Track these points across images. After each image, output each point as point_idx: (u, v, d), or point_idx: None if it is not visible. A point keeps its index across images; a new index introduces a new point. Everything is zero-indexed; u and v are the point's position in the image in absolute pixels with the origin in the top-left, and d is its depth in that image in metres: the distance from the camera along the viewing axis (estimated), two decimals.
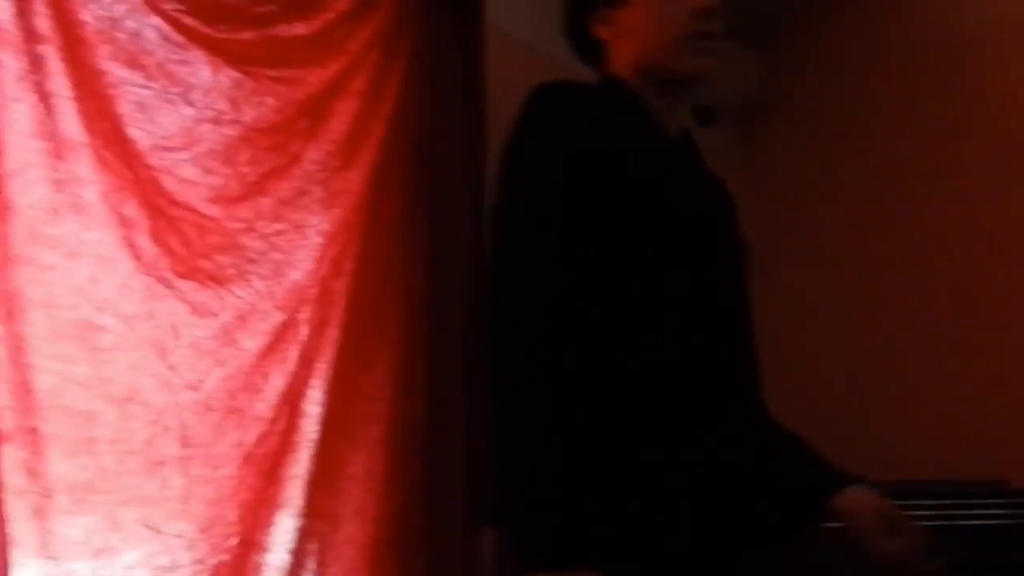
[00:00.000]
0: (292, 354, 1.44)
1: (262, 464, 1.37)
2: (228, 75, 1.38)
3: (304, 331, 1.46)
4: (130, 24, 1.27)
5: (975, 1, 2.26)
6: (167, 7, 1.31)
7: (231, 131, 1.38)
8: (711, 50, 1.10)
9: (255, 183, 1.40)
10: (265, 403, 1.41)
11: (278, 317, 1.43)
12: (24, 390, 1.18)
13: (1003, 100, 2.17)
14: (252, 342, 1.41)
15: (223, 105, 1.38)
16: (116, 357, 1.27)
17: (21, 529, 1.13)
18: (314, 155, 1.48)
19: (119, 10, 1.25)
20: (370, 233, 1.52)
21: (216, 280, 1.37)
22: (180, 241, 1.32)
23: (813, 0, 2.50)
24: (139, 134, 1.28)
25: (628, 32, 1.11)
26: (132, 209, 1.27)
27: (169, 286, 1.32)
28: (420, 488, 1.52)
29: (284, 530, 1.39)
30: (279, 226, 1.43)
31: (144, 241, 1.29)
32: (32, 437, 1.18)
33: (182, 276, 1.33)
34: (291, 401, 1.44)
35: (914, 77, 2.33)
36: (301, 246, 1.46)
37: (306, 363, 1.46)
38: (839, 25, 2.49)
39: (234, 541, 1.32)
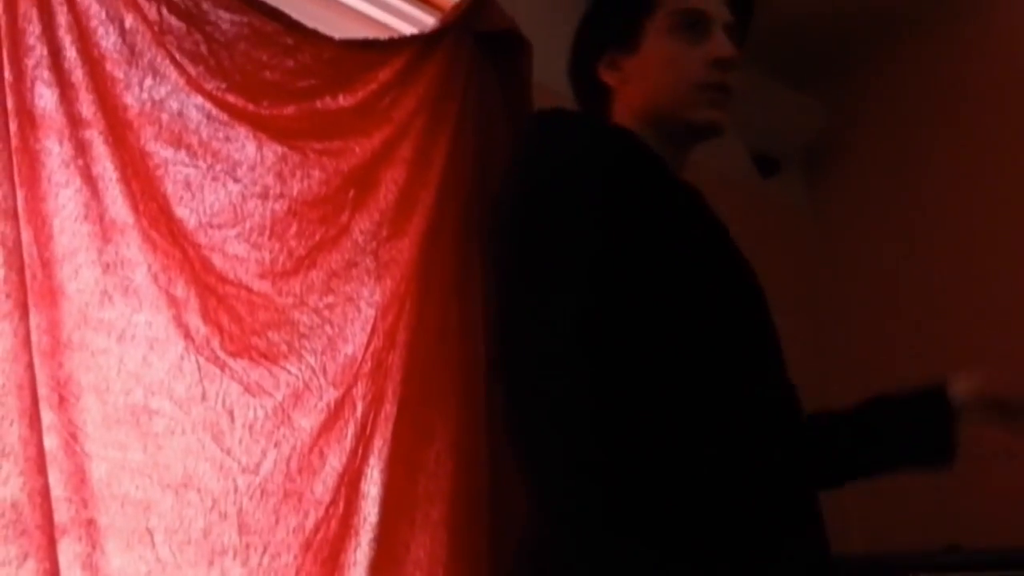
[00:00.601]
0: (349, 431, 1.39)
1: (322, 550, 1.31)
2: (273, 150, 1.37)
3: (360, 407, 1.40)
4: (173, 104, 1.26)
5: None
6: (209, 86, 1.30)
7: (278, 205, 1.36)
8: (724, 103, 1.06)
9: (304, 256, 1.37)
10: (323, 485, 1.35)
11: (333, 393, 1.38)
12: (80, 480, 1.14)
13: None
14: (307, 421, 1.36)
15: (269, 180, 1.36)
16: (171, 442, 1.23)
17: None
18: (363, 225, 1.45)
19: (162, 91, 1.25)
20: (423, 302, 1.48)
21: (269, 357, 1.33)
22: (231, 319, 1.29)
23: (874, 43, 2.45)
24: (186, 213, 1.27)
25: (638, 79, 1.08)
26: (181, 289, 1.25)
27: (222, 366, 1.28)
28: (486, 569, 1.43)
29: None
30: (330, 299, 1.39)
31: (195, 320, 1.26)
32: (89, 529, 1.13)
33: (234, 355, 1.29)
34: (350, 482, 1.37)
35: (980, 120, 2.25)
36: (353, 319, 1.42)
37: (363, 440, 1.40)
38: (902, 68, 2.44)
39: None
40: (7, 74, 1.10)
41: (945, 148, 2.28)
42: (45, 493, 1.05)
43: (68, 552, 1.10)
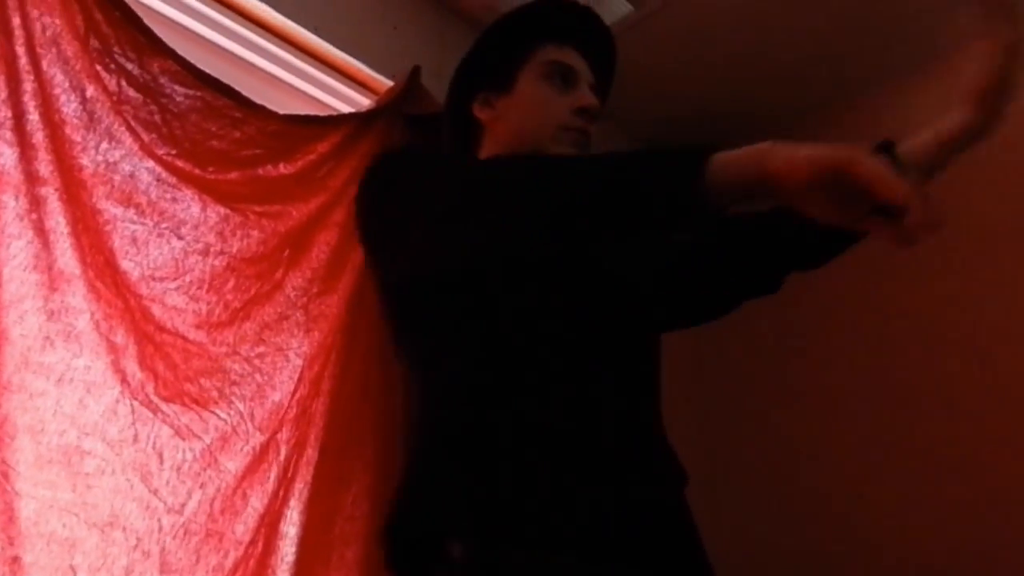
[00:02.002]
0: (272, 474, 1.43)
1: None
2: (217, 211, 1.43)
3: (284, 451, 1.45)
4: (126, 167, 1.32)
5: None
6: (161, 152, 1.37)
7: (218, 261, 1.42)
8: (584, 146, 1.13)
9: (239, 309, 1.43)
10: (244, 525, 1.38)
11: (259, 438, 1.42)
12: (8, 518, 1.15)
13: (952, 228, 2.26)
14: (233, 463, 1.39)
15: (211, 238, 1.42)
16: (100, 482, 1.26)
17: None
18: (296, 282, 1.52)
19: (116, 155, 1.30)
20: (348, 354, 1.54)
21: (200, 403, 1.37)
22: (166, 365, 1.33)
23: (759, 130, 2.64)
24: (131, 265, 1.31)
25: (509, 117, 1.15)
26: (121, 336, 1.29)
27: (155, 410, 1.32)
28: None
29: None
30: (261, 349, 1.45)
31: (132, 366, 1.30)
32: (14, 567, 1.14)
33: (167, 399, 1.33)
34: (270, 523, 1.40)
35: None
36: (282, 367, 1.47)
37: (285, 483, 1.44)
38: None
39: None
40: None
41: None
42: None
43: None
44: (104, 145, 1.29)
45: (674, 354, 1.18)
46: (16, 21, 1.20)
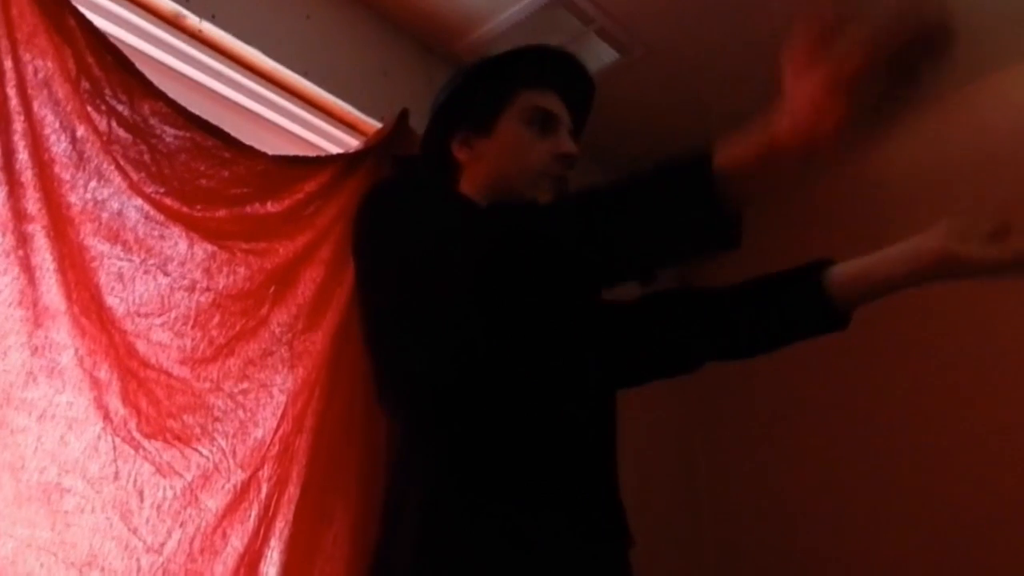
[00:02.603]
0: (252, 513, 1.40)
1: None
2: (203, 248, 1.43)
3: (265, 489, 1.42)
4: (114, 205, 1.33)
5: (906, 168, 2.35)
6: (149, 190, 1.37)
7: (204, 298, 1.42)
8: (560, 190, 1.14)
9: (224, 345, 1.42)
10: (223, 565, 1.35)
11: (240, 475, 1.40)
12: None
13: None
14: (214, 501, 1.37)
15: (197, 275, 1.42)
16: (79, 520, 1.23)
17: None
18: (281, 318, 1.51)
19: (104, 193, 1.31)
20: (332, 390, 1.53)
21: (182, 439, 1.35)
22: (149, 401, 1.32)
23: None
24: (116, 302, 1.31)
25: (488, 158, 1.15)
26: (105, 372, 1.27)
27: (136, 446, 1.30)
28: None
29: None
30: (245, 385, 1.43)
31: (114, 402, 1.28)
32: None
33: (149, 436, 1.31)
34: (249, 563, 1.38)
35: (839, 243, 2.38)
36: (265, 404, 1.46)
37: (266, 522, 1.41)
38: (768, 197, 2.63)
39: None
40: None
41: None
42: None
43: None
44: (93, 183, 1.30)
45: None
46: (8, 64, 1.21)
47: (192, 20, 1.61)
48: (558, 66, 1.22)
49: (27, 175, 1.22)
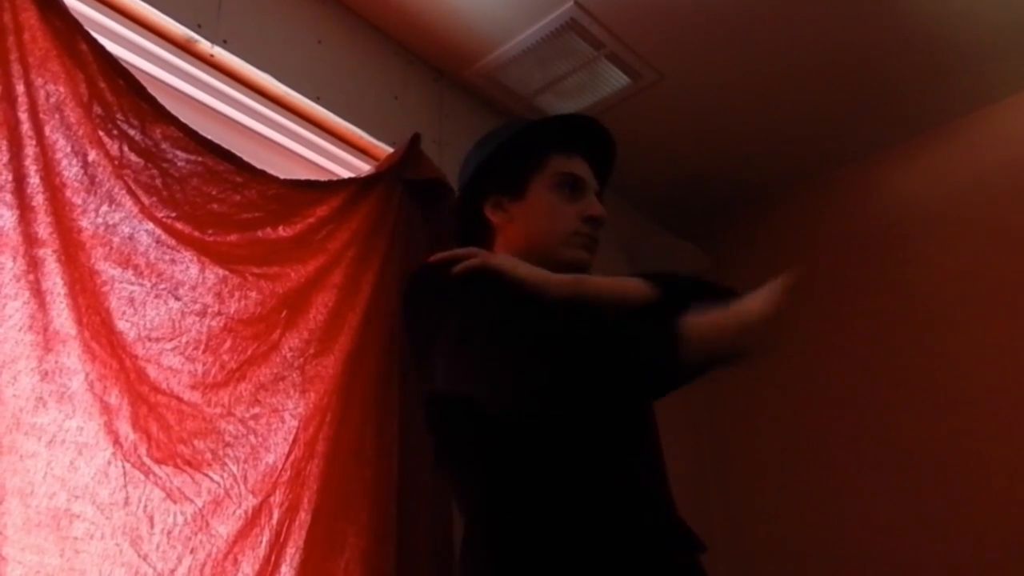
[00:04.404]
0: (264, 539, 1.37)
1: None
2: (215, 272, 1.41)
3: (276, 514, 1.39)
4: (125, 229, 1.31)
5: (907, 197, 2.41)
6: (160, 215, 1.36)
7: (215, 322, 1.39)
8: (591, 247, 1.22)
9: (235, 370, 1.39)
10: None
11: (251, 501, 1.37)
12: None
13: (932, 291, 2.25)
14: (225, 527, 1.34)
15: (209, 299, 1.40)
16: (89, 546, 1.20)
17: None
18: (292, 343, 1.49)
19: (116, 217, 1.29)
20: (344, 415, 1.50)
21: (193, 465, 1.32)
22: (160, 427, 1.29)
23: (751, 203, 2.67)
24: (127, 326, 1.29)
25: (520, 220, 1.23)
26: (115, 397, 1.25)
27: (146, 472, 1.27)
28: None
29: None
30: (256, 410, 1.41)
31: (125, 427, 1.26)
32: None
33: (160, 461, 1.29)
34: None
35: (845, 268, 2.43)
36: (277, 429, 1.43)
37: (277, 548, 1.38)
38: (775, 225, 2.64)
39: None
40: None
41: (810, 295, 2.46)
42: None
43: None
44: (104, 208, 1.28)
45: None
46: (20, 88, 1.20)
47: (204, 45, 1.60)
48: (584, 131, 1.29)
49: (38, 199, 1.20)
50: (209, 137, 1.46)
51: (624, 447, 1.08)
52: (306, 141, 1.79)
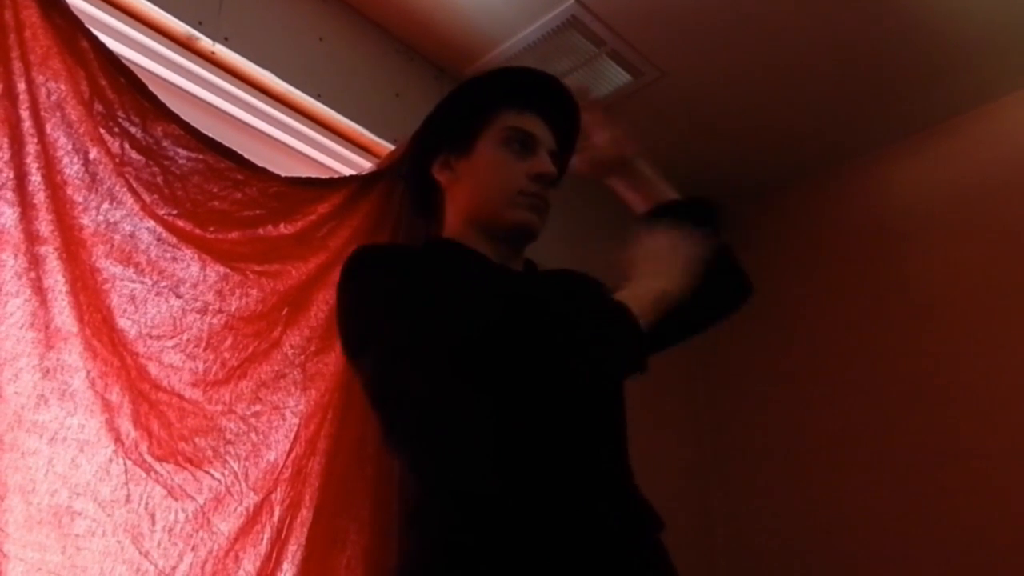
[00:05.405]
0: (265, 536, 1.37)
1: None
2: (216, 270, 1.41)
3: (278, 512, 1.39)
4: (126, 227, 1.30)
5: (907, 193, 2.40)
6: (162, 212, 1.35)
7: (216, 320, 1.39)
8: (539, 208, 1.13)
9: (236, 367, 1.39)
10: None
11: (253, 498, 1.37)
12: None
13: (932, 286, 2.25)
14: (226, 524, 1.34)
15: (210, 297, 1.39)
16: (90, 544, 1.21)
17: None
18: (293, 340, 1.48)
19: (117, 215, 1.29)
20: (344, 412, 1.49)
21: (194, 462, 1.32)
22: (161, 424, 1.29)
23: (750, 193, 2.66)
24: (128, 324, 1.28)
25: (466, 179, 1.14)
26: (116, 394, 1.25)
27: (148, 469, 1.27)
28: None
29: None
30: (257, 407, 1.40)
31: (126, 425, 1.26)
32: None
33: (161, 459, 1.29)
34: None
35: (846, 264, 2.43)
36: (278, 426, 1.43)
37: (278, 545, 1.38)
38: (771, 227, 2.64)
39: None
40: None
41: (810, 291, 2.47)
42: None
43: None
44: (105, 205, 1.28)
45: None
46: (22, 86, 1.20)
47: (205, 43, 1.60)
48: (539, 88, 1.19)
49: (40, 197, 1.20)
50: (210, 135, 1.46)
51: (575, 425, 1.01)
52: (307, 138, 1.79)
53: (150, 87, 1.39)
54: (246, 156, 1.50)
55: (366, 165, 1.84)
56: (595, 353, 0.94)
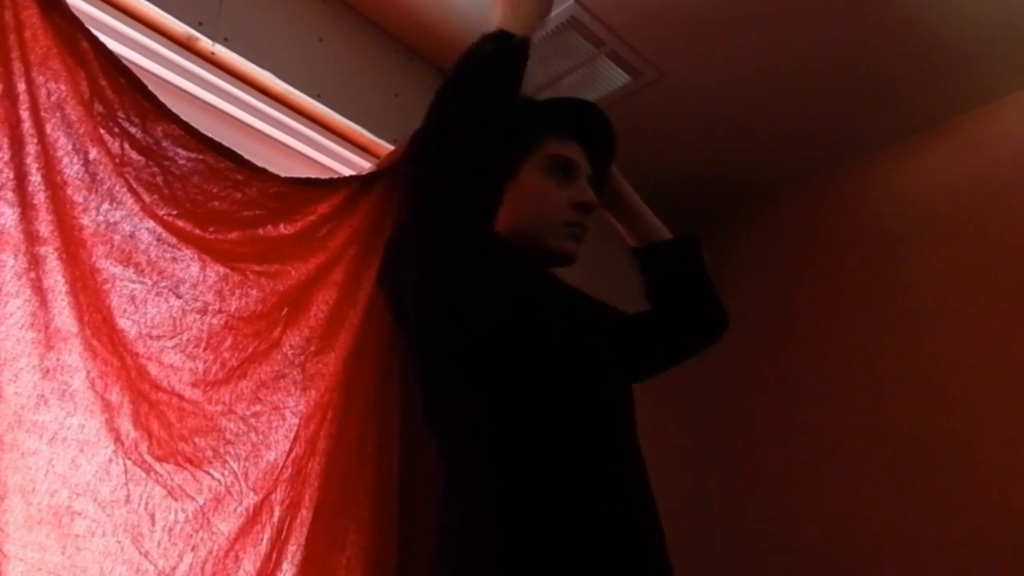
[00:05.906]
0: (265, 536, 1.37)
1: None
2: (216, 270, 1.41)
3: (277, 512, 1.39)
4: (126, 227, 1.30)
5: (905, 194, 2.41)
6: (161, 212, 1.35)
7: (216, 320, 1.39)
8: (580, 237, 1.18)
9: (236, 367, 1.39)
10: None
11: (253, 498, 1.37)
12: None
13: (929, 287, 2.26)
14: (226, 525, 1.34)
15: (210, 297, 1.39)
16: (90, 544, 1.20)
17: None
18: (293, 340, 1.48)
19: (117, 215, 1.28)
20: (345, 413, 1.49)
21: (193, 462, 1.32)
22: (160, 424, 1.29)
23: (748, 194, 2.66)
24: (128, 324, 1.28)
25: (510, 203, 1.16)
26: (116, 394, 1.25)
27: (148, 469, 1.27)
28: None
29: None
30: (257, 408, 1.40)
31: (126, 425, 1.25)
32: None
33: (161, 459, 1.29)
34: None
35: (844, 264, 2.44)
36: (278, 427, 1.42)
37: (278, 545, 1.37)
38: (768, 225, 2.64)
39: None
40: None
41: (808, 292, 2.48)
42: None
43: None
44: (105, 206, 1.27)
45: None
46: (21, 86, 1.19)
47: (205, 43, 1.60)
48: (580, 116, 1.25)
49: (39, 197, 1.20)
50: (210, 135, 1.45)
51: (582, 425, 1.04)
52: (307, 139, 1.78)
53: (150, 87, 1.39)
54: (246, 156, 1.49)
55: (366, 165, 1.84)
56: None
